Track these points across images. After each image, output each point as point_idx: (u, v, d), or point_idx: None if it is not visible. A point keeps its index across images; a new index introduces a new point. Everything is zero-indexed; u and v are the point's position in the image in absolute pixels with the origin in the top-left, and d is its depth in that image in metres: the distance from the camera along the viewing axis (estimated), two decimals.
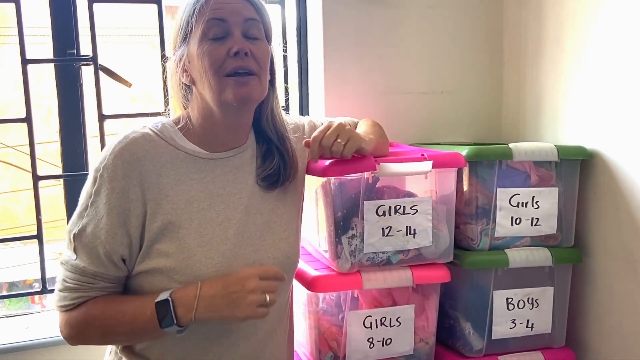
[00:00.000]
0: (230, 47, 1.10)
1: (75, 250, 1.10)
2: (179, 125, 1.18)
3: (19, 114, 1.64)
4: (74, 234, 1.09)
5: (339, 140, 1.18)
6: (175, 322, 1.04)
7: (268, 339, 1.21)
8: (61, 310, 1.12)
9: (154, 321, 1.05)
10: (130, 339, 1.13)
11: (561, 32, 1.64)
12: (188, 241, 1.10)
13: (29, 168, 1.64)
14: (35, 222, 1.65)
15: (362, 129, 1.40)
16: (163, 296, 1.05)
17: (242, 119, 1.20)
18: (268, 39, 1.18)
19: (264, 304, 1.06)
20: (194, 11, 1.11)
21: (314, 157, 1.21)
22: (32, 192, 1.65)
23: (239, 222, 1.16)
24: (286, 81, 1.83)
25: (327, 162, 1.24)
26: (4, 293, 3.77)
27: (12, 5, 1.58)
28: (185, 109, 1.20)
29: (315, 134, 1.21)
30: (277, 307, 1.21)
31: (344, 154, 1.19)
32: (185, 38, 1.13)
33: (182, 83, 1.17)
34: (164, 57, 1.70)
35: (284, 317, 1.26)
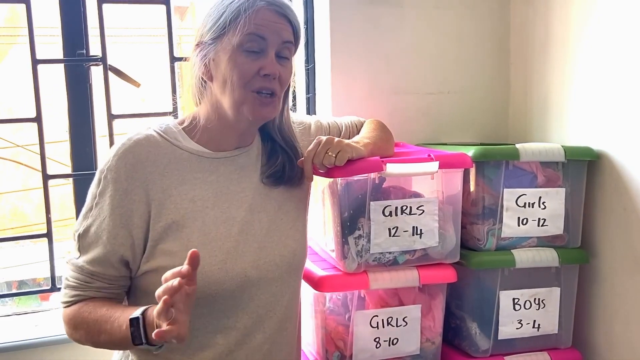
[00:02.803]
0: (262, 66, 1.12)
1: (79, 250, 1.13)
2: (184, 125, 1.20)
3: (28, 114, 1.66)
4: (79, 234, 1.12)
5: (329, 153, 1.20)
6: (145, 341, 1.00)
7: (276, 336, 1.22)
8: (62, 307, 1.15)
9: (127, 337, 1.02)
10: (112, 347, 1.13)
11: (568, 32, 1.64)
12: (192, 240, 1.12)
13: (39, 167, 1.66)
14: (45, 220, 1.67)
15: (363, 132, 1.41)
16: (136, 313, 1.01)
17: (252, 127, 1.23)
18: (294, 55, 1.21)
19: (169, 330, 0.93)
20: (236, 17, 1.10)
21: (308, 176, 1.23)
22: (42, 191, 1.67)
23: (243, 220, 1.17)
24: (293, 81, 1.84)
25: None
26: (14, 291, 3.80)
27: (23, 6, 1.60)
28: (197, 105, 1.22)
29: (305, 154, 1.23)
30: (285, 305, 1.22)
31: (336, 164, 1.21)
32: (219, 37, 1.13)
33: (200, 77, 1.18)
34: (174, 58, 1.73)
35: (293, 315, 1.27)
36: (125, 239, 1.10)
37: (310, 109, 1.86)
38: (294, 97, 1.85)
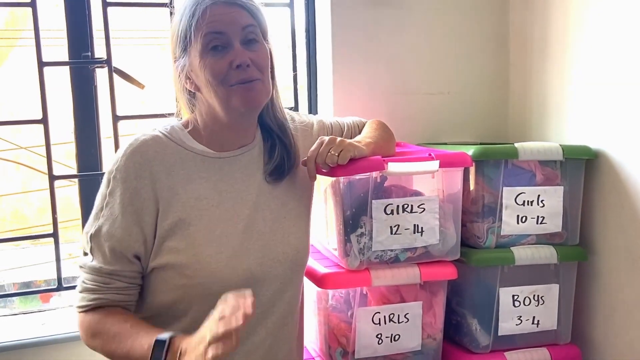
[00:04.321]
0: (231, 59, 1.12)
1: (92, 251, 1.14)
2: (188, 129, 1.21)
3: (30, 116, 1.67)
4: (91, 234, 1.14)
5: (332, 152, 1.22)
6: None
7: (277, 332, 1.24)
8: (79, 311, 1.15)
9: (147, 357, 1.03)
10: None
11: (566, 33, 1.66)
12: (198, 237, 1.14)
13: (41, 169, 1.68)
14: (48, 221, 1.69)
15: (365, 132, 1.43)
16: (163, 336, 1.03)
17: (249, 120, 1.24)
18: (265, 37, 1.19)
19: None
20: (190, 25, 1.11)
21: (312, 175, 1.24)
22: (42, 193, 1.70)
23: (248, 217, 1.20)
24: (295, 82, 1.86)
25: None
26: (17, 291, 3.81)
27: (24, 9, 1.62)
28: (192, 112, 1.24)
29: (309, 153, 1.24)
30: (287, 301, 1.24)
31: (339, 163, 1.22)
32: (185, 49, 1.14)
33: (187, 89, 1.19)
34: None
35: (294, 311, 1.29)
36: (138, 235, 1.12)
37: (312, 109, 1.88)
38: (296, 98, 1.87)
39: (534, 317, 1.53)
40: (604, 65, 1.53)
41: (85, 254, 1.17)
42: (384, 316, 1.43)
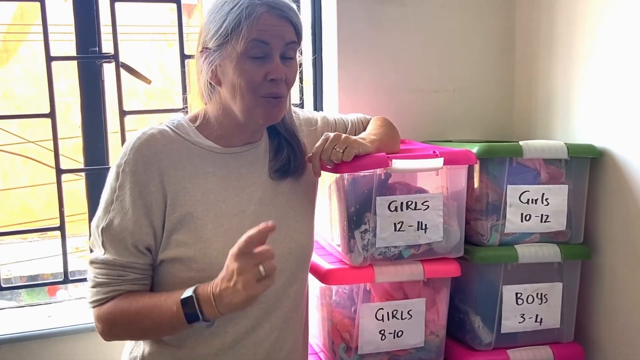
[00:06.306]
0: (268, 71, 1.13)
1: (103, 245, 1.14)
2: (196, 124, 1.22)
3: (37, 110, 1.68)
4: (102, 228, 1.14)
5: (337, 149, 1.22)
6: (201, 317, 1.06)
7: (283, 326, 1.24)
8: (93, 306, 1.16)
9: (180, 317, 1.07)
10: (158, 333, 1.16)
11: (572, 31, 1.66)
12: (205, 231, 1.15)
13: (49, 163, 1.69)
14: (56, 215, 1.71)
15: (370, 129, 1.43)
16: (187, 293, 1.07)
17: (262, 127, 1.25)
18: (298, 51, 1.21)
19: (262, 277, 1.01)
20: (240, 25, 1.10)
21: (316, 171, 1.25)
22: (50, 187, 1.71)
23: (254, 213, 1.20)
24: (301, 79, 1.86)
25: None
26: (24, 283, 3.84)
27: (32, 4, 1.63)
28: (205, 104, 1.24)
29: (313, 150, 1.25)
30: (292, 296, 1.25)
31: (343, 160, 1.23)
32: (222, 45, 1.13)
33: (208, 82, 1.19)
34: (184, 56, 1.76)
35: (299, 307, 1.30)
36: (148, 228, 1.13)
37: (318, 107, 1.89)
38: (302, 95, 1.88)
39: (537, 315, 1.53)
40: (610, 63, 1.53)
41: (92, 250, 1.18)
42: (387, 312, 1.43)
